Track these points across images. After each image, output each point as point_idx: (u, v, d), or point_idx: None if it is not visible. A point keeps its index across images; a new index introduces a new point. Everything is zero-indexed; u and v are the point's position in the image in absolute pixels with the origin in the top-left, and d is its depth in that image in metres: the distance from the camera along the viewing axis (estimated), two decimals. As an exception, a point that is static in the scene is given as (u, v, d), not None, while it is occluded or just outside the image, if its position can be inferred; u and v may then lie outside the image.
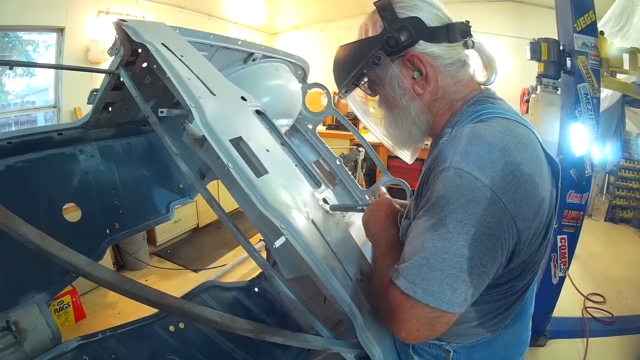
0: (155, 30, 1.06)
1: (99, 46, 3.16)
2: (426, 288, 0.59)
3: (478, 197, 0.57)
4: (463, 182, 0.58)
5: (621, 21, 2.40)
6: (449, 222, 0.58)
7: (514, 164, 0.59)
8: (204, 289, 1.94)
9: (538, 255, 0.70)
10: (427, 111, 0.75)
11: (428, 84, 0.73)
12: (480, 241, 0.58)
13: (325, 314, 1.38)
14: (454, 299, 0.59)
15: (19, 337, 1.19)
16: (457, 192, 0.59)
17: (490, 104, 0.71)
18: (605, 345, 2.33)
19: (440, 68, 0.72)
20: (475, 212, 0.57)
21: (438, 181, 0.62)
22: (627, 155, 4.37)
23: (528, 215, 0.61)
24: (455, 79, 0.73)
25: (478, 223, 0.57)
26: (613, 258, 3.59)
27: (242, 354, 1.76)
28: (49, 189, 1.39)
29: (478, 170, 0.58)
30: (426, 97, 0.74)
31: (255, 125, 1.05)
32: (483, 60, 0.77)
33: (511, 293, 0.72)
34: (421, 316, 0.61)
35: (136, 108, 1.45)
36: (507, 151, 0.60)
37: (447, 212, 0.59)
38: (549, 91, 2.14)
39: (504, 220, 0.59)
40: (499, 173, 0.58)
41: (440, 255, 0.59)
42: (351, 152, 2.88)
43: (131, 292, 0.53)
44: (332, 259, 0.81)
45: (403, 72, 0.73)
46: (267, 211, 0.76)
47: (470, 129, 0.64)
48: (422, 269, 0.60)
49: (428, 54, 0.71)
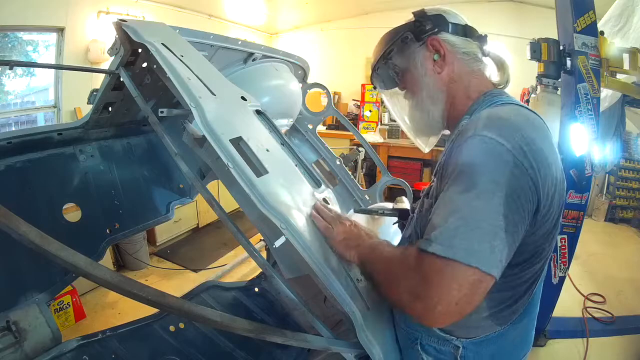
0: (155, 30, 1.06)
1: (99, 46, 3.16)
2: (467, 248, 0.59)
3: (505, 160, 0.61)
4: (488, 146, 0.63)
5: (621, 21, 2.40)
6: (481, 183, 0.61)
7: (529, 138, 0.64)
8: (204, 289, 1.94)
9: (548, 241, 0.72)
10: (445, 91, 0.84)
11: (446, 65, 0.83)
12: (512, 200, 0.60)
13: (325, 314, 1.38)
14: (492, 258, 0.59)
15: (19, 337, 1.19)
16: (484, 156, 0.63)
17: (504, 96, 0.80)
18: (605, 345, 2.33)
19: (457, 54, 0.84)
20: (504, 172, 0.61)
21: (463, 149, 0.66)
22: (627, 155, 4.36)
23: (545, 185, 0.64)
24: (470, 68, 0.84)
25: (507, 183, 0.60)
26: (613, 258, 3.59)
27: (242, 354, 1.76)
28: (49, 189, 1.39)
29: (500, 136, 0.62)
30: (444, 76, 0.84)
31: (255, 125, 1.05)
32: (497, 65, 0.88)
33: (521, 282, 0.74)
34: (463, 281, 0.59)
35: (136, 108, 1.45)
36: (522, 127, 0.65)
37: (477, 174, 0.62)
38: (549, 91, 2.13)
39: (528, 184, 0.62)
40: (518, 142, 0.62)
41: (477, 213, 0.60)
42: (351, 152, 2.88)
43: (131, 292, 0.53)
44: (332, 259, 0.81)
45: (425, 54, 0.85)
46: (267, 211, 0.76)
47: (488, 110, 0.73)
48: (459, 229, 0.60)
49: (447, 40, 0.84)
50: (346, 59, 5.46)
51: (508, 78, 0.87)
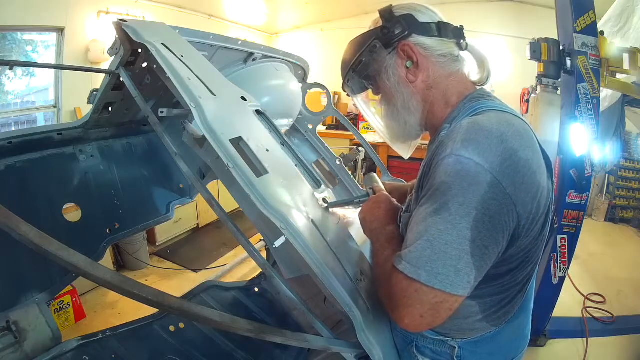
0: (155, 30, 1.06)
1: (99, 46, 3.16)
2: (430, 270, 0.60)
3: (479, 181, 0.60)
4: (464, 167, 0.61)
5: (621, 21, 2.40)
6: (452, 206, 0.60)
7: (512, 150, 0.62)
8: (204, 289, 1.94)
9: (537, 245, 0.71)
10: (421, 99, 0.79)
11: (420, 71, 0.78)
12: (482, 223, 0.60)
13: (325, 314, 1.38)
14: (457, 280, 0.60)
15: (19, 337, 1.19)
16: (458, 177, 0.61)
17: (485, 100, 0.75)
18: (605, 345, 2.32)
19: (432, 58, 0.77)
20: (476, 195, 0.60)
21: (439, 169, 0.64)
22: (627, 155, 4.37)
23: (527, 199, 0.63)
24: (447, 71, 0.78)
25: (479, 206, 0.59)
26: (613, 258, 3.59)
27: (242, 354, 1.76)
28: (49, 189, 1.39)
29: (478, 155, 0.60)
30: (419, 84, 0.78)
31: (255, 125, 1.05)
32: (477, 60, 0.82)
33: (512, 285, 0.74)
34: (425, 300, 0.61)
35: (136, 108, 1.45)
36: (504, 138, 0.62)
37: (450, 196, 0.61)
38: (549, 91, 2.14)
39: (505, 203, 0.61)
40: (497, 158, 0.61)
41: (444, 237, 0.60)
42: (351, 152, 2.88)
43: (131, 292, 0.53)
44: (332, 259, 0.81)
45: (397, 62, 0.78)
46: (267, 211, 0.76)
47: (469, 120, 0.68)
48: (425, 252, 0.61)
49: (420, 44, 0.77)
50: (346, 59, 5.46)
51: (489, 74, 0.81)
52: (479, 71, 0.82)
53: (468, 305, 0.72)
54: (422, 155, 0.85)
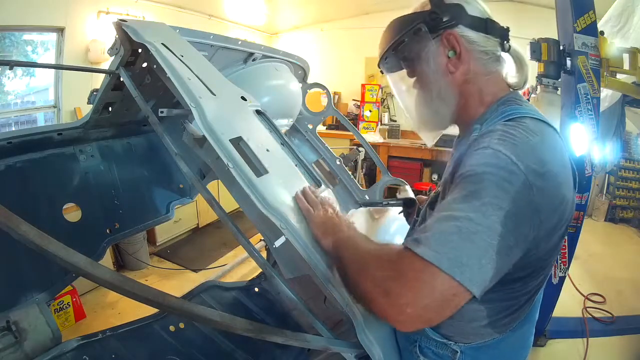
0: (155, 30, 1.06)
1: (99, 46, 3.16)
2: (454, 259, 0.55)
3: (513, 179, 0.58)
4: (500, 162, 0.59)
5: (621, 21, 2.40)
6: (484, 196, 0.57)
7: (543, 161, 0.61)
8: (204, 289, 1.94)
9: (552, 255, 0.70)
10: (457, 92, 0.78)
11: (461, 63, 0.76)
12: (511, 221, 0.57)
13: (325, 314, 1.38)
14: (477, 276, 0.56)
15: (19, 337, 1.19)
16: (494, 169, 0.59)
17: (518, 105, 0.73)
18: (605, 345, 2.32)
19: (474, 53, 0.76)
20: (509, 191, 0.57)
21: (473, 158, 0.62)
22: (627, 155, 4.36)
23: (550, 210, 0.62)
24: (487, 69, 0.77)
25: (511, 203, 0.57)
26: (613, 258, 3.58)
27: (242, 354, 1.76)
28: (49, 189, 1.39)
29: (516, 155, 0.59)
30: (458, 76, 0.77)
31: (255, 125, 1.05)
32: (516, 63, 0.81)
33: (522, 293, 0.72)
34: (438, 290, 0.55)
35: (136, 108, 1.45)
36: (538, 147, 0.62)
37: (483, 186, 0.58)
38: (549, 91, 2.13)
39: (531, 209, 0.59)
40: (531, 164, 0.59)
41: (474, 226, 0.56)
42: (351, 152, 2.88)
43: (131, 292, 0.53)
44: (332, 258, 0.81)
45: (439, 49, 0.76)
46: (267, 211, 0.76)
47: (504, 125, 0.67)
48: (451, 237, 0.56)
49: (465, 36, 0.75)
50: (346, 59, 5.46)
51: (526, 79, 0.81)
52: (517, 75, 0.81)
53: (476, 309, 0.71)
54: (422, 155, 0.84)
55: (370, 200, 1.05)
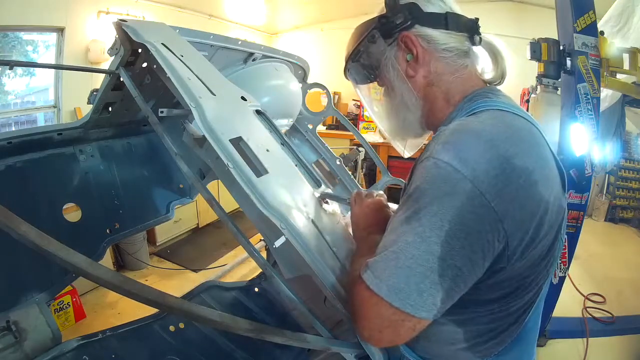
0: (155, 30, 1.06)
1: (99, 46, 3.16)
2: (392, 285, 0.54)
3: (456, 190, 0.53)
4: (440, 172, 0.55)
5: (621, 21, 2.40)
6: (423, 216, 0.54)
7: (503, 157, 0.54)
8: (204, 289, 1.94)
9: (538, 271, 0.62)
10: (421, 96, 0.73)
11: (420, 66, 0.71)
12: (456, 239, 0.53)
13: (325, 314, 1.38)
14: (420, 301, 0.54)
15: (19, 337, 1.19)
16: (433, 184, 0.55)
17: (488, 98, 0.67)
18: (605, 345, 2.32)
19: (435, 52, 0.70)
20: (451, 206, 0.53)
21: (416, 172, 0.59)
22: (627, 155, 4.37)
23: (521, 215, 0.55)
24: (452, 67, 0.71)
25: (454, 219, 0.52)
26: (613, 258, 3.59)
27: (242, 354, 1.76)
28: (49, 189, 1.39)
29: (458, 160, 0.54)
30: (419, 80, 0.72)
31: (255, 125, 1.05)
32: (491, 57, 0.75)
33: (504, 315, 0.65)
34: (384, 316, 0.56)
35: (136, 108, 1.45)
36: (495, 142, 0.55)
37: (422, 204, 0.55)
38: (549, 91, 2.14)
39: (487, 219, 0.53)
40: (483, 165, 0.53)
41: (410, 250, 0.54)
42: (351, 152, 2.88)
43: (131, 292, 0.53)
44: (332, 259, 0.81)
45: (397, 54, 0.72)
46: (267, 211, 0.76)
47: (458, 121, 0.62)
48: (390, 263, 0.55)
49: (422, 36, 0.70)
50: (346, 59, 5.46)
51: (503, 72, 0.74)
52: (493, 68, 0.75)
53: (452, 332, 0.66)
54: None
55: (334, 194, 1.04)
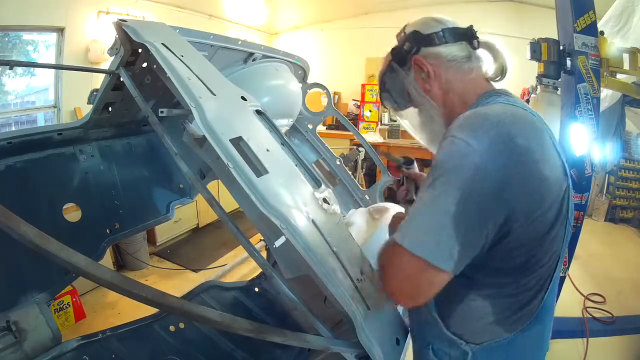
0: (155, 30, 1.06)
1: (99, 46, 3.16)
2: (413, 238, 0.65)
3: (466, 162, 0.62)
4: (455, 147, 0.64)
5: (621, 21, 2.40)
6: (437, 184, 0.64)
7: (507, 134, 0.63)
8: (204, 289, 1.94)
9: (545, 247, 0.70)
10: (441, 105, 0.83)
11: (434, 80, 0.82)
12: (466, 204, 0.62)
13: (325, 314, 1.38)
14: (438, 251, 0.62)
15: (19, 337, 1.19)
16: (447, 157, 0.65)
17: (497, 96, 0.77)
18: (605, 345, 2.32)
19: (443, 65, 0.81)
20: (461, 175, 0.62)
21: (438, 150, 0.68)
22: (627, 155, 4.37)
23: (523, 188, 0.63)
24: (461, 72, 0.81)
25: (463, 186, 0.62)
26: (613, 258, 3.59)
27: (242, 354, 1.76)
28: (49, 189, 1.39)
29: (470, 137, 0.63)
30: (436, 92, 0.83)
31: (255, 125, 1.05)
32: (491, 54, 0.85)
33: (522, 290, 0.73)
34: (407, 266, 0.65)
35: (136, 108, 1.45)
36: (501, 123, 0.65)
37: (437, 175, 0.65)
38: (549, 91, 2.13)
39: (490, 187, 0.62)
40: (488, 140, 0.63)
41: (428, 210, 0.65)
42: (351, 152, 2.88)
43: (131, 292, 0.53)
44: (332, 259, 0.81)
45: (415, 76, 0.84)
46: (267, 211, 0.76)
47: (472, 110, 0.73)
48: (412, 222, 0.67)
49: (429, 55, 0.82)
50: (346, 59, 5.47)
51: (503, 65, 0.84)
52: (495, 65, 0.84)
53: (480, 306, 0.74)
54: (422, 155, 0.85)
55: None
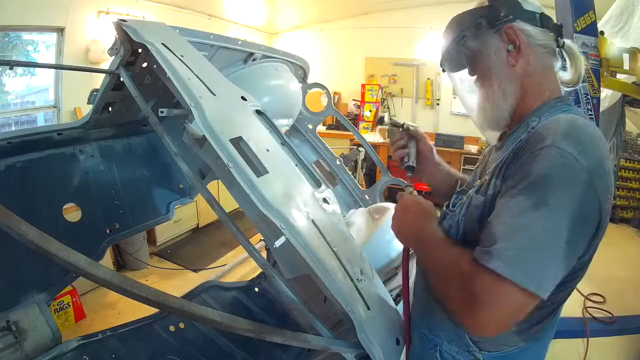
0: (155, 30, 1.06)
1: (99, 46, 3.16)
2: (527, 271, 0.58)
3: (578, 180, 0.59)
4: (565, 162, 0.59)
5: (621, 21, 2.40)
6: (552, 202, 0.58)
7: (602, 158, 0.62)
8: (204, 289, 1.94)
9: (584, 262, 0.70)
10: (518, 84, 0.77)
11: (521, 56, 0.76)
12: (579, 224, 0.59)
13: (325, 314, 1.38)
14: (549, 283, 0.59)
15: (19, 337, 1.19)
16: (559, 172, 0.60)
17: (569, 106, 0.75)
18: (605, 345, 2.32)
19: (532, 47, 0.76)
20: (576, 193, 0.59)
21: (537, 159, 0.62)
22: (627, 155, 4.37)
23: (606, 208, 0.63)
24: (544, 63, 0.77)
25: (577, 204, 0.58)
26: (613, 258, 3.57)
27: (242, 354, 1.76)
28: (49, 189, 1.39)
29: (579, 153, 0.59)
30: (518, 70, 0.77)
31: (255, 125, 1.05)
32: (570, 59, 0.80)
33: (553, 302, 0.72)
34: (514, 302, 0.59)
35: (136, 108, 1.45)
36: (599, 143, 0.64)
37: (550, 191, 0.59)
38: (549, 91, 2.13)
39: (595, 207, 0.60)
40: (595, 160, 0.60)
41: (544, 235, 0.58)
42: (351, 152, 2.88)
43: (131, 292, 0.53)
44: (332, 259, 0.81)
45: (500, 43, 0.77)
46: (267, 211, 0.76)
47: (567, 117, 0.68)
48: (524, 250, 0.59)
49: (523, 30, 0.75)
50: (346, 59, 5.47)
51: (580, 75, 0.79)
52: (572, 71, 0.80)
53: None
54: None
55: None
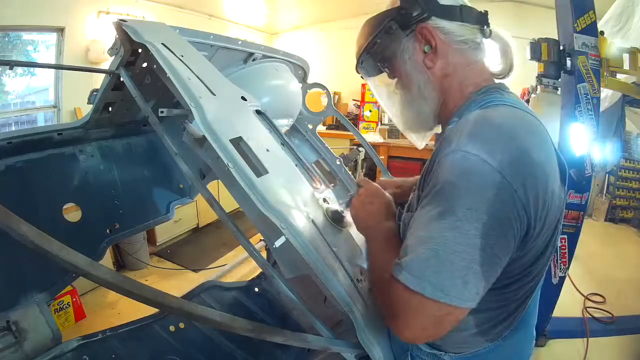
0: (156, 30, 1.06)
1: (99, 46, 3.16)
2: (436, 283, 0.55)
3: (487, 182, 0.55)
4: (471, 165, 0.56)
5: (621, 21, 2.40)
6: (458, 210, 0.55)
7: (522, 149, 0.57)
8: (204, 289, 1.93)
9: (542, 259, 0.66)
10: (438, 87, 0.74)
11: (438, 57, 0.72)
12: (492, 229, 0.55)
13: (325, 314, 1.38)
14: (465, 293, 0.55)
15: (19, 337, 1.19)
16: (464, 177, 0.56)
17: (500, 94, 0.69)
18: (605, 345, 2.32)
19: (452, 44, 0.71)
20: (484, 198, 0.54)
21: (443, 166, 0.59)
22: (627, 155, 4.37)
23: (537, 205, 0.58)
24: (467, 59, 0.73)
25: (488, 210, 0.54)
26: (613, 258, 3.58)
27: (242, 354, 1.76)
28: (49, 189, 1.39)
29: (486, 152, 0.55)
30: (436, 71, 0.73)
31: (256, 125, 1.05)
32: (500, 49, 0.76)
33: (512, 300, 0.69)
34: (429, 314, 0.57)
35: (136, 108, 1.45)
36: (515, 135, 0.58)
37: (456, 198, 0.56)
38: (549, 91, 2.14)
39: (515, 207, 0.55)
40: (507, 156, 0.55)
41: (450, 245, 0.55)
42: (351, 152, 2.88)
43: (131, 292, 0.53)
44: (332, 258, 0.81)
45: (415, 45, 0.73)
46: (267, 211, 0.76)
47: (477, 113, 0.64)
48: (430, 261, 0.56)
49: (439, 28, 0.71)
50: (346, 59, 5.40)
51: (511, 65, 0.75)
52: (501, 61, 0.75)
53: (464, 320, 0.66)
54: (422, 155, 0.83)
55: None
